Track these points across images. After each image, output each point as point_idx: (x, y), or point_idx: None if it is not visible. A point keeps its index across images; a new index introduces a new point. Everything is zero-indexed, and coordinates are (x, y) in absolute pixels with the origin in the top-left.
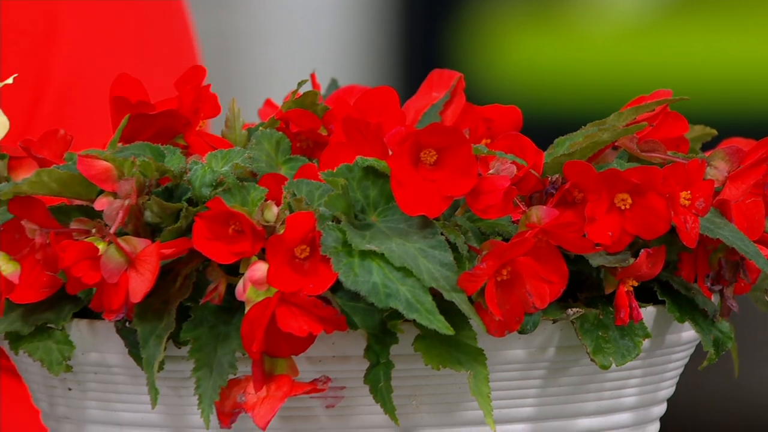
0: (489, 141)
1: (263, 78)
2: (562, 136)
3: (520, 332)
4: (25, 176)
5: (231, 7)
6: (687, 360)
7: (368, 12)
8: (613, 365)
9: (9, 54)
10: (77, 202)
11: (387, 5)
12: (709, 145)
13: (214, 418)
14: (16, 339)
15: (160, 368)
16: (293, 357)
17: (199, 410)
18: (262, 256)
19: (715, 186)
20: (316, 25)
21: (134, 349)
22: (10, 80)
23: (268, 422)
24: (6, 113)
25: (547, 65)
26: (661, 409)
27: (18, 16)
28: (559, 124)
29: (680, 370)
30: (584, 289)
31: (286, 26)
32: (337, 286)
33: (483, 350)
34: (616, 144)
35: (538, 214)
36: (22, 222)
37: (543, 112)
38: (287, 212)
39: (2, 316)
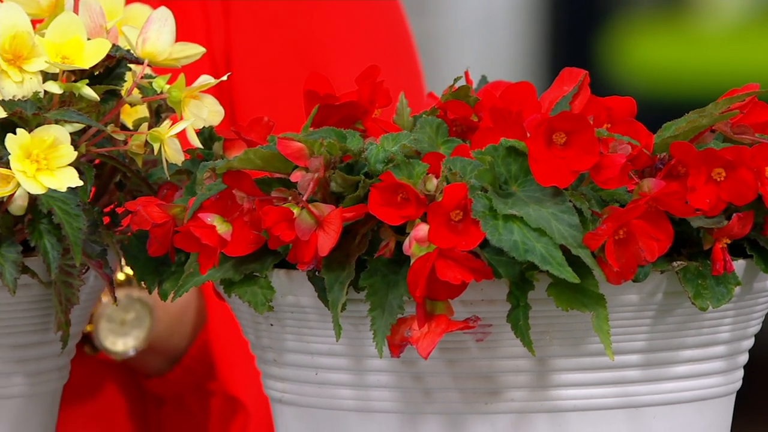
0: (609, 126)
1: (433, 74)
2: (669, 121)
3: (634, 281)
4: (236, 155)
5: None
6: None
7: (524, 25)
8: (710, 307)
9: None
10: (277, 175)
11: (540, 22)
12: None
13: (386, 349)
14: (228, 285)
15: (343, 309)
16: (449, 300)
17: (374, 342)
18: (424, 219)
19: None
20: (483, 36)
21: (322, 293)
22: (223, 78)
23: (430, 353)
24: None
25: (659, 62)
26: (749, 342)
27: (280, 39)
28: (667, 111)
29: (766, 311)
30: (686, 246)
31: (458, 34)
32: (485, 243)
33: (603, 295)
34: (713, 128)
35: (649, 185)
36: (234, 191)
37: (654, 100)
38: (445, 183)
39: (218, 267)
